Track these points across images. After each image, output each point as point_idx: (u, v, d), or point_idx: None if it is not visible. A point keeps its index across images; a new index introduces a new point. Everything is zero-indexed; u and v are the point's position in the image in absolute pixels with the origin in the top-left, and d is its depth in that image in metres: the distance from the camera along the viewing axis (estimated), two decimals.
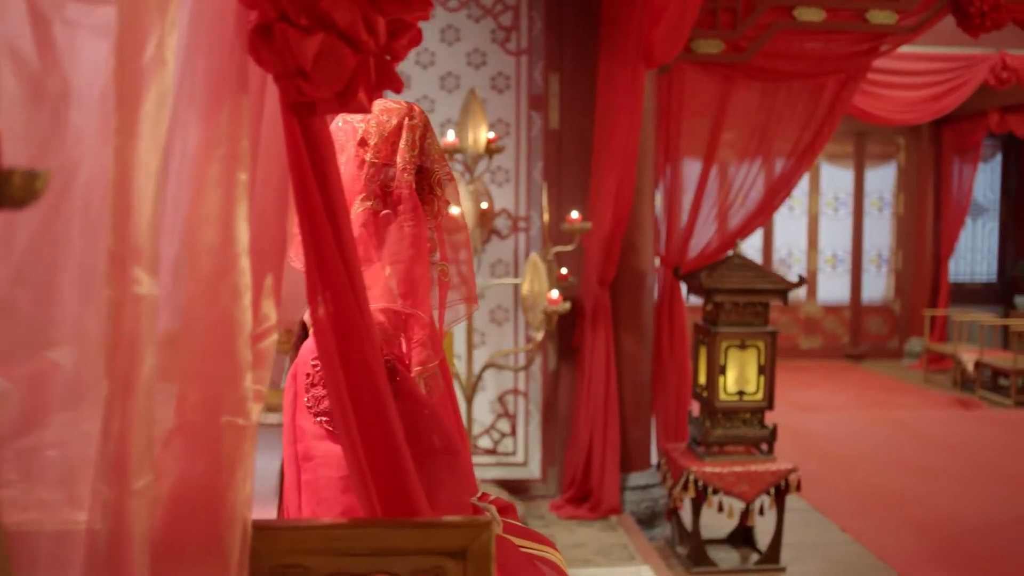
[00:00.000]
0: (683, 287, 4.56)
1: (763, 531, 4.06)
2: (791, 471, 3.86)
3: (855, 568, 3.97)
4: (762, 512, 3.92)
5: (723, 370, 3.92)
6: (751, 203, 4.69)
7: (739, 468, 3.82)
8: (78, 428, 1.00)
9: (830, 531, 4.45)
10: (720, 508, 3.90)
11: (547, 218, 4.05)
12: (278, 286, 1.18)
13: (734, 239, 4.37)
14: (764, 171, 4.68)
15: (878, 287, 10.37)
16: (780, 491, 3.87)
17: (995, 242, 10.67)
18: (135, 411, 0.98)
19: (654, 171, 4.42)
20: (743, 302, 3.91)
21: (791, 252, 10.23)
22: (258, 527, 1.13)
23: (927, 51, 6.65)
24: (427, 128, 1.62)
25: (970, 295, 10.45)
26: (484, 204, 4.20)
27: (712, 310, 3.94)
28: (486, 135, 3.83)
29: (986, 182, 10.58)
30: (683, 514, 4.10)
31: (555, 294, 3.74)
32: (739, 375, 3.95)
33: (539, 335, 3.96)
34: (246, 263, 1.08)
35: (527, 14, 4.36)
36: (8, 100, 0.93)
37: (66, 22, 1.02)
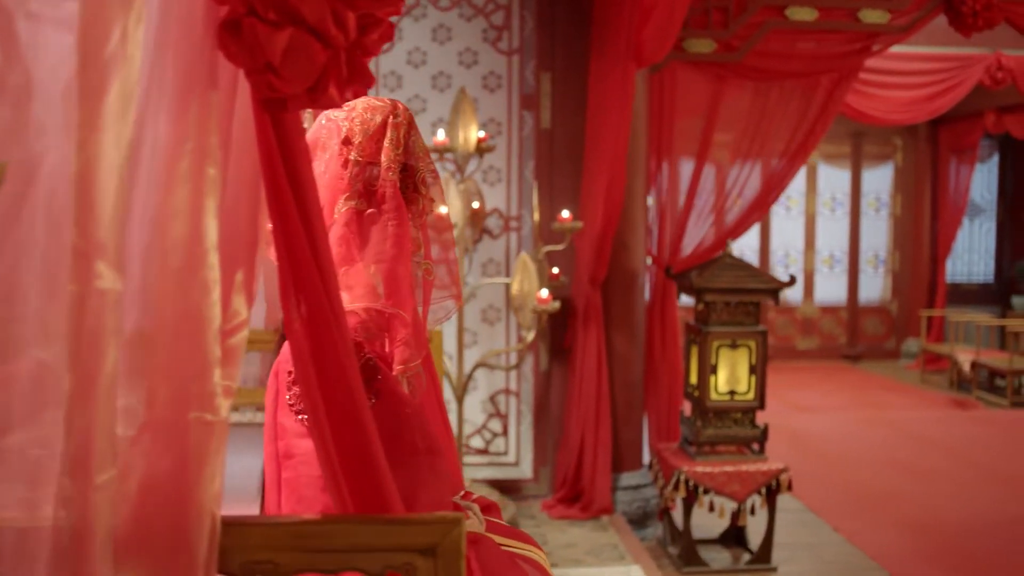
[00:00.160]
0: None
1: (755, 531, 4.05)
2: (782, 471, 3.85)
3: (847, 568, 3.96)
4: (753, 512, 3.92)
5: (714, 370, 3.92)
6: (744, 202, 4.68)
7: (730, 468, 3.81)
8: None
9: (823, 531, 4.44)
10: (711, 508, 3.90)
11: (538, 217, 4.04)
12: (249, 282, 1.18)
13: (727, 238, 4.36)
14: (756, 170, 4.67)
15: (875, 288, 10.36)
16: (771, 491, 3.86)
17: (992, 242, 10.67)
18: (97, 406, 0.98)
19: (646, 170, 4.42)
20: (734, 301, 3.90)
21: (788, 252, 10.22)
22: (227, 523, 1.13)
23: (922, 51, 6.65)
24: (411, 126, 1.62)
25: (967, 295, 10.44)
26: (475, 203, 4.20)
27: (703, 309, 3.93)
28: (476, 134, 3.82)
29: (983, 182, 10.58)
30: (675, 514, 4.09)
31: (544, 293, 3.74)
32: (730, 375, 3.94)
33: (530, 335, 3.95)
34: (215, 258, 1.08)
35: (519, 13, 4.36)
36: None
37: (29, 16, 1.02)
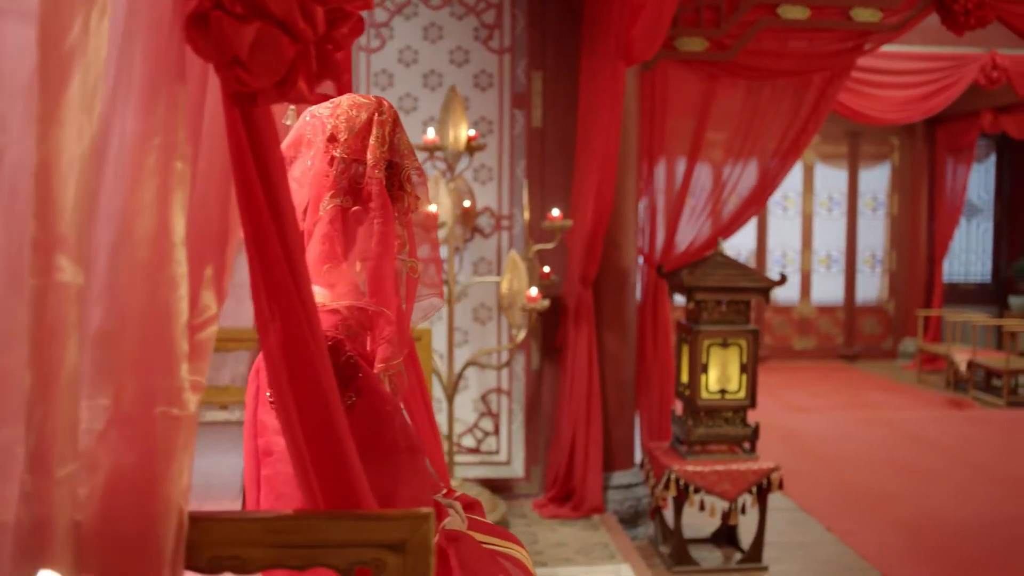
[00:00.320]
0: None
1: (747, 530, 4.05)
2: (773, 470, 3.84)
3: (838, 568, 3.95)
4: (744, 511, 3.91)
5: (705, 368, 3.91)
6: (736, 201, 4.67)
7: (721, 467, 3.80)
8: None
9: (815, 531, 4.43)
10: (702, 507, 3.89)
11: (528, 216, 4.03)
12: (220, 278, 1.17)
13: (719, 237, 4.36)
14: (749, 169, 4.66)
15: (872, 287, 10.35)
16: (762, 490, 3.85)
17: (989, 242, 10.66)
18: (58, 400, 0.98)
19: (637, 169, 4.41)
20: (725, 300, 3.90)
21: (785, 252, 10.21)
22: (195, 518, 1.13)
23: (917, 50, 6.64)
24: (396, 123, 1.61)
25: (964, 295, 10.43)
26: (466, 202, 4.19)
27: (694, 308, 3.92)
28: (467, 132, 3.81)
29: (980, 182, 10.57)
30: (666, 513, 4.08)
31: (534, 292, 3.73)
32: (721, 373, 3.93)
33: (520, 334, 3.94)
34: (182, 253, 1.07)
35: (510, 12, 4.36)
36: None
37: None
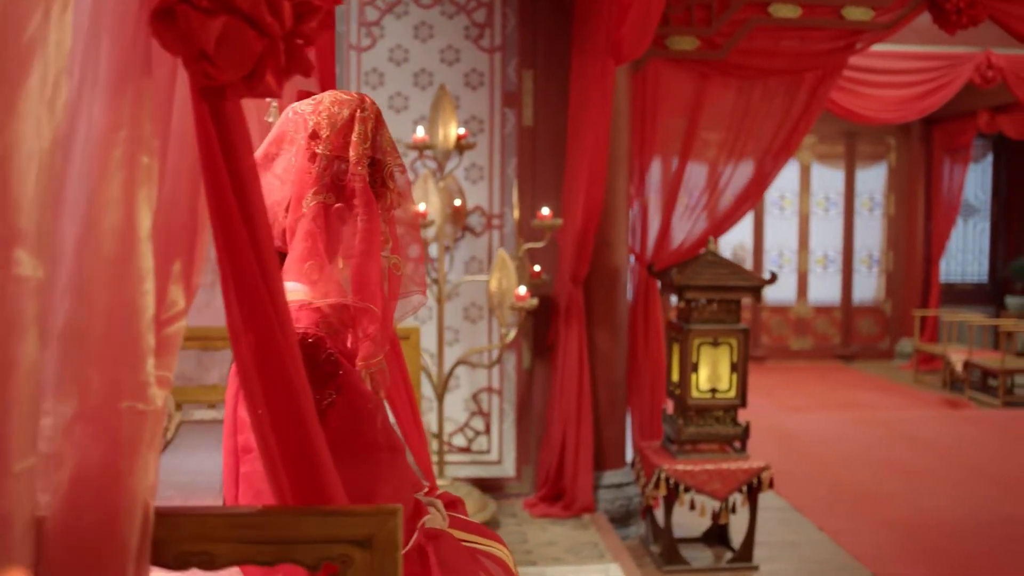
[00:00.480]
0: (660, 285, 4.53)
1: (739, 530, 4.03)
2: (763, 469, 3.83)
3: (829, 567, 3.94)
4: (734, 510, 3.90)
5: (695, 367, 3.90)
6: (728, 200, 4.67)
7: (711, 466, 3.80)
8: None
9: (807, 530, 4.42)
10: (692, 506, 3.88)
11: (518, 215, 4.02)
12: (188, 273, 1.17)
13: (710, 236, 4.34)
14: (740, 168, 4.65)
15: (869, 288, 10.35)
16: (752, 489, 3.84)
17: (986, 242, 10.66)
18: (15, 394, 0.97)
19: (629, 168, 4.40)
20: (716, 299, 3.89)
21: (782, 252, 10.21)
22: (161, 514, 1.12)
23: (912, 50, 6.64)
24: (379, 120, 1.61)
25: (961, 296, 10.43)
26: (457, 201, 4.18)
27: (684, 307, 3.92)
28: (456, 131, 3.81)
29: (977, 182, 10.56)
30: (657, 513, 4.07)
31: (523, 290, 3.72)
32: (712, 373, 3.92)
33: (511, 332, 3.93)
34: (147, 248, 1.07)
35: (501, 11, 4.35)
36: None
37: None
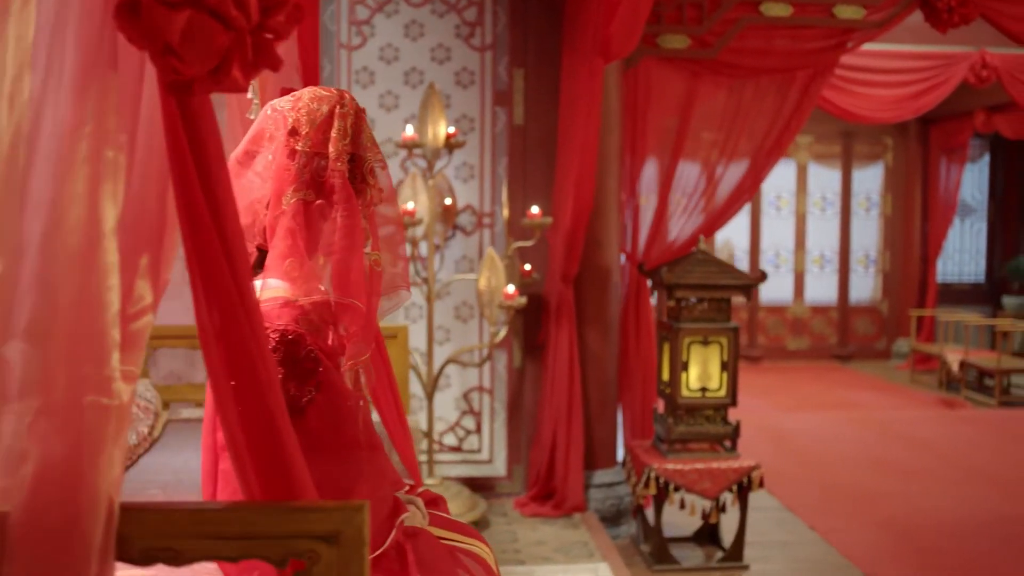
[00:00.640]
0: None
1: (730, 529, 4.02)
2: (753, 468, 3.82)
3: (819, 566, 3.93)
4: (724, 509, 3.89)
5: (685, 366, 3.90)
6: (719, 199, 4.65)
7: (701, 465, 3.79)
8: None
9: (799, 530, 4.41)
10: (682, 505, 3.87)
11: (507, 214, 4.02)
12: (156, 268, 1.17)
13: (701, 235, 4.33)
14: (732, 167, 4.64)
15: (866, 287, 10.34)
16: (743, 488, 3.83)
17: (983, 242, 10.64)
18: None
19: (620, 167, 4.39)
20: (706, 298, 3.88)
21: (778, 252, 10.20)
22: (126, 509, 1.12)
23: (907, 49, 6.63)
24: (359, 116, 1.60)
25: (958, 295, 10.42)
26: (448, 200, 4.18)
27: (674, 306, 3.91)
28: (445, 130, 3.80)
29: (974, 182, 10.55)
30: (648, 512, 4.06)
31: (511, 289, 3.72)
32: (702, 371, 3.91)
33: (501, 331, 3.92)
34: (112, 242, 1.07)
35: (491, 9, 4.35)
36: None
37: None
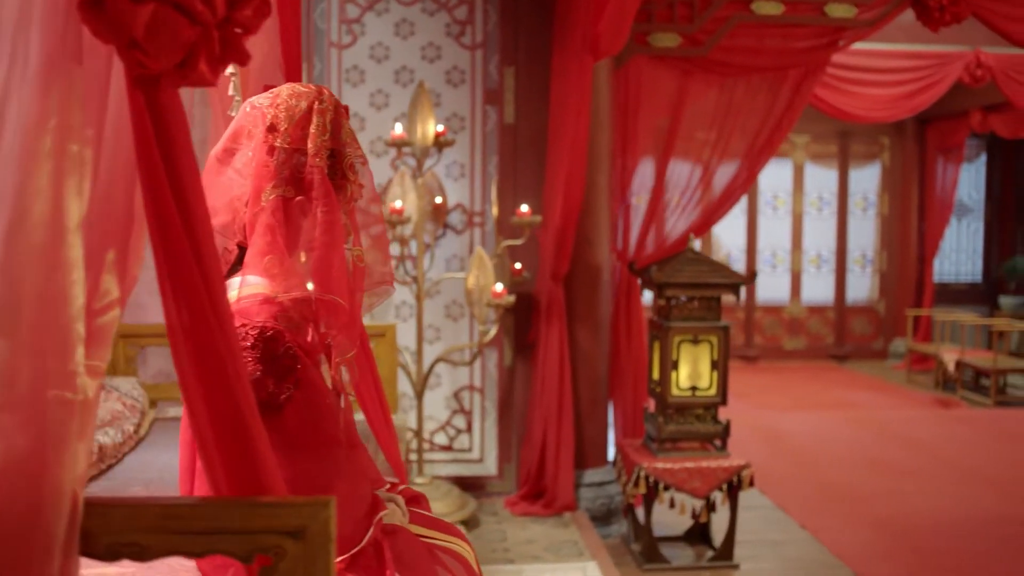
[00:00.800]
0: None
1: (721, 528, 4.02)
2: (744, 467, 3.82)
3: (810, 565, 3.92)
4: (714, 509, 3.88)
5: (675, 365, 3.89)
6: (711, 197, 4.65)
7: (691, 464, 3.78)
8: None
9: (790, 529, 4.40)
10: (672, 504, 3.86)
11: (496, 212, 4.01)
12: (123, 263, 1.16)
13: (693, 233, 4.32)
14: (723, 165, 4.63)
15: (862, 287, 10.32)
16: (733, 487, 3.82)
17: (980, 242, 10.63)
18: None
19: (610, 166, 4.39)
20: (696, 296, 3.87)
21: (775, 252, 10.19)
22: (90, 504, 1.11)
23: (902, 48, 6.63)
24: (338, 111, 1.60)
25: (955, 295, 10.40)
26: (438, 199, 4.17)
27: (664, 305, 3.90)
28: (435, 128, 3.79)
29: (971, 182, 10.54)
30: (639, 511, 4.06)
31: (499, 287, 3.71)
32: (692, 370, 3.91)
33: (491, 330, 3.92)
34: (76, 237, 1.06)
35: (482, 8, 4.34)
36: None
37: None
